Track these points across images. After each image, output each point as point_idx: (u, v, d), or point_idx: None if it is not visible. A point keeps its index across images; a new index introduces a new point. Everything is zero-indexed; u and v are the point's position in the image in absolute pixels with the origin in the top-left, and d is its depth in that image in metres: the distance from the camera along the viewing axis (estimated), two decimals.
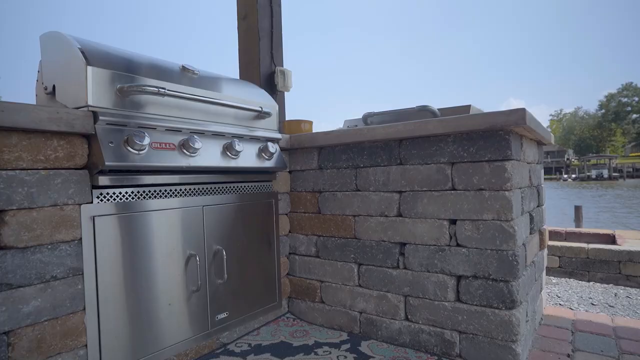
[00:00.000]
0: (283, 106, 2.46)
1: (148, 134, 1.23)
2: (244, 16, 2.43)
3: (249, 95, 1.71)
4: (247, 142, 1.61)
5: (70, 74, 1.21)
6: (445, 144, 1.44)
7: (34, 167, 1.05)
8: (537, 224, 1.77)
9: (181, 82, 1.41)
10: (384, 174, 1.60)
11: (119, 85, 1.20)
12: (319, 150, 1.80)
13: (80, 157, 1.14)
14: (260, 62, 2.35)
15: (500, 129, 1.31)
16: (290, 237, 1.92)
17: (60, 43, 1.28)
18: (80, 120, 1.11)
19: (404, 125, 1.48)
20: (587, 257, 3.24)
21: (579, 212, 12.62)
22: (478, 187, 1.37)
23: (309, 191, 1.85)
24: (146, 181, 1.27)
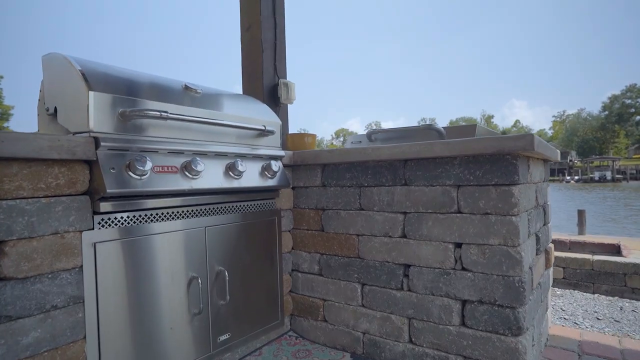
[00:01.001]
0: (286, 119, 2.44)
1: (150, 158, 1.22)
2: (247, 27, 2.41)
3: (252, 113, 1.69)
4: (249, 160, 1.60)
5: (71, 97, 1.20)
6: (451, 166, 1.42)
7: (35, 196, 1.03)
8: (543, 244, 1.75)
9: (183, 102, 1.40)
10: (388, 194, 1.58)
11: (121, 110, 1.18)
12: (323, 167, 1.78)
13: (81, 184, 1.13)
14: (263, 74, 2.33)
15: (508, 153, 1.28)
16: (293, 254, 1.91)
17: (61, 65, 1.27)
18: (82, 147, 1.09)
19: (409, 146, 1.46)
20: (592, 269, 3.21)
21: (582, 217, 12.55)
22: (484, 211, 1.35)
23: (312, 208, 1.83)
24: (148, 205, 1.26)
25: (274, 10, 2.41)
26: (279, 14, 2.46)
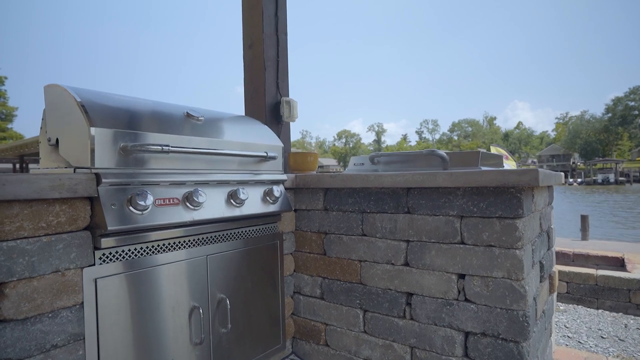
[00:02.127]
0: (288, 137, 2.44)
1: (151, 191, 1.21)
2: (249, 45, 2.41)
3: (254, 137, 1.69)
4: (251, 186, 1.59)
5: (73, 130, 1.20)
6: (454, 196, 1.41)
7: (36, 235, 1.03)
8: (547, 270, 1.73)
9: (184, 131, 1.39)
10: (390, 222, 1.57)
11: (122, 144, 1.18)
12: (325, 191, 1.77)
13: (82, 220, 1.12)
14: (265, 92, 2.33)
15: (512, 187, 1.27)
16: (295, 276, 1.90)
17: (62, 97, 1.26)
18: (83, 184, 1.09)
19: (412, 175, 1.45)
20: (596, 284, 3.19)
21: (585, 222, 12.47)
22: (488, 244, 1.34)
23: (314, 232, 1.82)
24: (149, 238, 1.25)
25: (276, 27, 2.41)
26: (282, 31, 2.45)
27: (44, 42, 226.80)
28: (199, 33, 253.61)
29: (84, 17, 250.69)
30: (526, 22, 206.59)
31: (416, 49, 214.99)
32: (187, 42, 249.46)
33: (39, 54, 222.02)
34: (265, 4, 2.35)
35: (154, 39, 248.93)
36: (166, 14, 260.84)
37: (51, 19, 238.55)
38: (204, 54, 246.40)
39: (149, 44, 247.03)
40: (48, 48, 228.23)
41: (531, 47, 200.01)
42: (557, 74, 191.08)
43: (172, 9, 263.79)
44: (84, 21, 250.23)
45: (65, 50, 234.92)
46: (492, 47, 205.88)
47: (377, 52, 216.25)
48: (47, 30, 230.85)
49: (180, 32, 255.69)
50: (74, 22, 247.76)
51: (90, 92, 1.31)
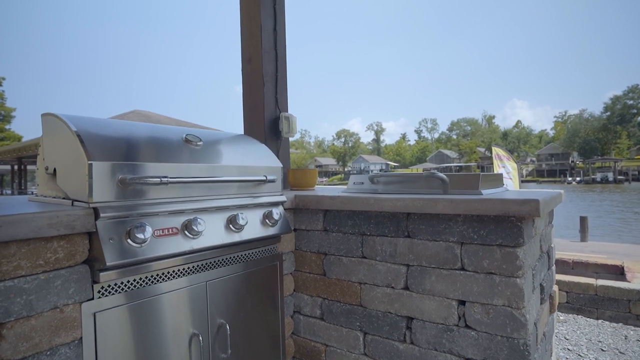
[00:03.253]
0: (287, 152, 2.43)
1: (150, 222, 1.21)
2: (248, 59, 2.40)
3: (254, 159, 1.68)
4: (251, 209, 1.58)
5: (70, 162, 1.19)
6: (454, 222, 1.40)
7: (33, 273, 1.02)
8: (547, 291, 1.73)
9: (183, 158, 1.38)
10: (391, 245, 1.56)
11: (121, 176, 1.17)
12: (324, 212, 1.76)
13: (80, 254, 1.11)
14: (264, 107, 2.32)
15: (513, 216, 1.27)
16: (294, 296, 1.89)
17: (58, 127, 1.26)
18: (81, 220, 1.08)
19: (412, 200, 1.45)
20: (596, 294, 3.19)
21: (584, 223, 12.48)
22: (488, 271, 1.33)
23: (314, 252, 1.81)
24: (148, 269, 1.24)
25: (275, 42, 2.40)
26: (280, 45, 2.44)
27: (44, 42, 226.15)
28: (199, 33, 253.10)
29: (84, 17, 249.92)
30: (524, 21, 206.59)
31: (415, 48, 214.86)
32: (187, 42, 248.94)
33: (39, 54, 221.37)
34: (264, 19, 2.34)
35: (154, 39, 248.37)
36: (166, 14, 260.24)
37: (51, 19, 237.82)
38: (204, 54, 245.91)
39: (149, 44, 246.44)
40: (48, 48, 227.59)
41: (529, 45, 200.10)
42: (556, 72, 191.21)
43: (172, 9, 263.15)
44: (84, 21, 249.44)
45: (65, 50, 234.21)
46: (490, 46, 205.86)
47: (377, 51, 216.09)
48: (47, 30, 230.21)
49: (180, 32, 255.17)
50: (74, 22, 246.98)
51: (86, 120, 1.30)
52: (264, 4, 2.35)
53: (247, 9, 2.39)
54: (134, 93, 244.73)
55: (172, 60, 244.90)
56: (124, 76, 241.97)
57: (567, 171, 67.28)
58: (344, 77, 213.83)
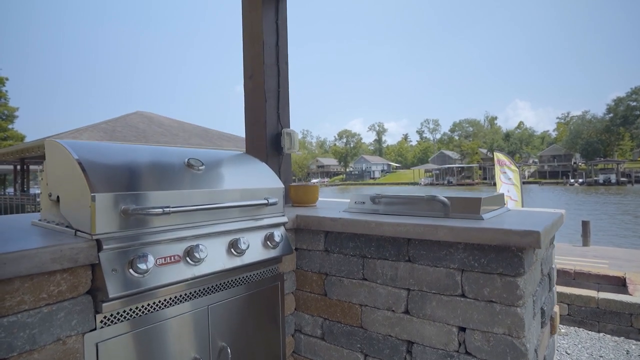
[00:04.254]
0: (289, 168, 2.43)
1: (152, 251, 1.22)
2: (250, 75, 2.41)
3: (255, 180, 1.68)
4: (252, 232, 1.59)
5: (73, 192, 1.20)
6: (455, 249, 1.41)
7: (37, 307, 1.03)
8: (548, 314, 1.73)
9: (185, 184, 1.39)
10: (391, 269, 1.56)
11: (124, 207, 1.18)
12: (326, 233, 1.77)
13: (84, 286, 1.12)
14: (266, 123, 2.33)
15: (513, 246, 1.27)
16: (295, 315, 1.90)
17: (61, 154, 1.27)
18: (84, 253, 1.09)
19: (413, 226, 1.45)
20: (597, 307, 3.19)
21: (586, 228, 12.45)
22: (489, 299, 1.34)
23: (315, 272, 1.82)
24: (150, 298, 1.25)
25: (277, 58, 2.41)
26: (282, 61, 2.45)
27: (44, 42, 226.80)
28: (199, 33, 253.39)
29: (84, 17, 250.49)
30: (526, 22, 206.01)
31: (417, 48, 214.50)
32: (187, 42, 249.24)
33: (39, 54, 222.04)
34: (266, 35, 2.35)
35: (154, 39, 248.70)
36: (166, 14, 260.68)
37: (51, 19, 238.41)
38: (204, 54, 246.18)
39: (149, 44, 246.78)
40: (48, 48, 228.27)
41: (531, 46, 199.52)
42: (558, 73, 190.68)
43: (172, 9, 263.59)
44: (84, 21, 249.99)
45: (65, 50, 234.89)
46: (492, 46, 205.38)
47: (378, 51, 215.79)
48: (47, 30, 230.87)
49: (180, 32, 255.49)
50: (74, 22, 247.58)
51: (87, 147, 1.32)
52: (266, 20, 2.36)
53: (249, 25, 2.40)
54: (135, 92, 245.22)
55: (173, 60, 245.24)
56: (124, 76, 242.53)
57: (570, 173, 67.05)
58: (346, 77, 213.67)
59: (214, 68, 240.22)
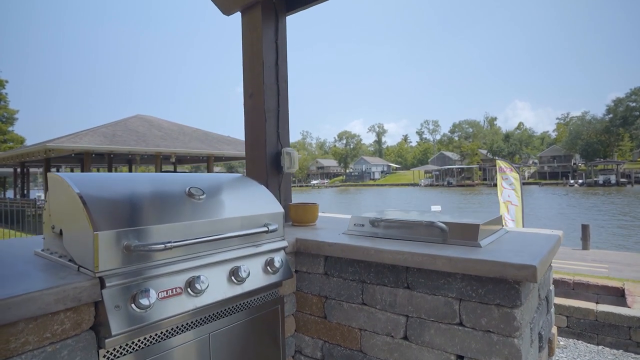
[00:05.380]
0: (289, 187, 2.45)
1: (154, 285, 1.23)
2: (250, 94, 2.43)
3: (256, 206, 1.70)
4: (252, 258, 1.60)
5: (76, 228, 1.22)
6: (453, 279, 1.42)
7: (40, 346, 1.04)
8: (545, 337, 1.74)
9: (186, 215, 1.41)
10: (390, 295, 1.58)
11: (126, 243, 1.19)
12: (325, 258, 1.79)
13: (87, 322, 1.14)
14: (266, 142, 2.34)
15: (510, 278, 1.29)
16: (295, 336, 1.91)
17: (62, 188, 1.29)
18: (88, 291, 1.10)
19: (411, 255, 1.47)
20: (596, 320, 3.20)
21: (586, 232, 12.47)
22: (486, 329, 1.35)
23: (315, 295, 1.83)
24: (152, 330, 1.27)
25: (277, 77, 2.43)
26: (282, 79, 2.47)
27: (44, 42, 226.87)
28: (199, 33, 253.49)
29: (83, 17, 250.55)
30: (526, 22, 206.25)
31: (416, 49, 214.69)
32: (187, 42, 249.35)
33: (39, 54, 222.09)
34: (266, 55, 2.37)
35: (154, 39, 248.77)
36: (166, 14, 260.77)
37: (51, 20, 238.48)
38: (204, 54, 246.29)
39: (149, 44, 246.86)
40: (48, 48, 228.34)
41: (531, 46, 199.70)
42: (557, 73, 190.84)
43: (172, 9, 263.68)
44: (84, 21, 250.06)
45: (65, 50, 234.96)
46: (492, 47, 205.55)
47: (377, 52, 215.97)
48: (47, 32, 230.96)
49: (180, 32, 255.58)
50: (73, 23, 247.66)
51: (88, 179, 1.34)
52: (266, 39, 2.38)
53: (249, 44, 2.42)
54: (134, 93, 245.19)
55: (173, 60, 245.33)
56: (124, 76, 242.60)
57: (569, 173, 67.08)
58: (345, 78, 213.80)
59: (214, 68, 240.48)
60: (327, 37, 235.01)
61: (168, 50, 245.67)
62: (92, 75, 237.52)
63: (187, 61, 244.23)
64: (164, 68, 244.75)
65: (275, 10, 2.45)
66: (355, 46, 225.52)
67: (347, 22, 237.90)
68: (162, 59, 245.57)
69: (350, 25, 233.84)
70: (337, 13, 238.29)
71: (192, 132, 19.27)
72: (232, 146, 18.74)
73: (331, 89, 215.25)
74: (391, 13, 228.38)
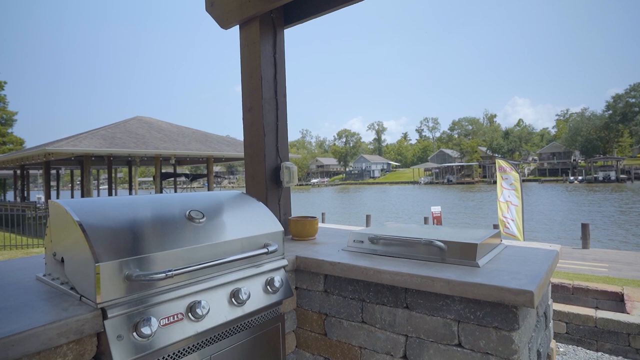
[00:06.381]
0: (289, 201, 2.46)
1: (156, 313, 1.24)
2: (249, 108, 2.44)
3: (256, 227, 1.71)
4: (252, 279, 1.62)
5: (77, 257, 1.23)
6: (451, 301, 1.44)
7: None
8: (544, 354, 1.76)
9: (187, 240, 1.42)
10: (390, 315, 1.59)
11: (127, 273, 1.21)
12: (325, 276, 1.80)
13: (89, 353, 1.15)
14: (265, 157, 2.35)
15: (507, 302, 1.30)
16: (296, 352, 1.93)
17: (62, 215, 1.31)
18: (90, 323, 1.12)
19: (410, 276, 1.48)
20: (595, 326, 3.22)
21: (586, 231, 12.46)
22: (485, 351, 1.37)
23: (315, 311, 1.85)
24: (154, 357, 1.28)
25: (275, 91, 2.44)
26: (280, 93, 2.48)
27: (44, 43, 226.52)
28: (199, 33, 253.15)
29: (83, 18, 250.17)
30: (524, 19, 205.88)
31: (415, 46, 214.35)
32: (187, 42, 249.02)
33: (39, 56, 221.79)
34: (264, 70, 2.38)
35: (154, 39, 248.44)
36: (166, 14, 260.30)
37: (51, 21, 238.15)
38: (204, 54, 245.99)
39: (149, 44, 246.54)
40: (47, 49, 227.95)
41: (530, 43, 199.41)
42: (557, 70, 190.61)
43: (172, 9, 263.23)
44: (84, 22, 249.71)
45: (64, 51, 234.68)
46: (491, 43, 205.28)
47: (376, 49, 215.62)
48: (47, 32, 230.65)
49: (180, 32, 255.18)
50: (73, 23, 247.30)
51: (88, 206, 1.35)
52: (264, 54, 2.39)
53: (247, 59, 2.43)
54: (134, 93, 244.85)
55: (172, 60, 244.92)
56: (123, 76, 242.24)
57: (569, 170, 67.12)
58: (345, 75, 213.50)
59: (214, 68, 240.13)
60: (326, 34, 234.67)
61: (168, 50, 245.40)
62: (92, 76, 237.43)
63: (187, 61, 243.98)
64: (164, 67, 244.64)
65: (273, 24, 2.45)
66: (353, 43, 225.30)
67: (346, 19, 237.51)
68: (161, 58, 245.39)
69: (349, 22, 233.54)
70: (337, 11, 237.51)
71: (192, 134, 19.27)
72: (231, 147, 18.75)
73: (330, 86, 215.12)
74: (390, 10, 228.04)
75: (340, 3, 2.30)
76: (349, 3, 2.28)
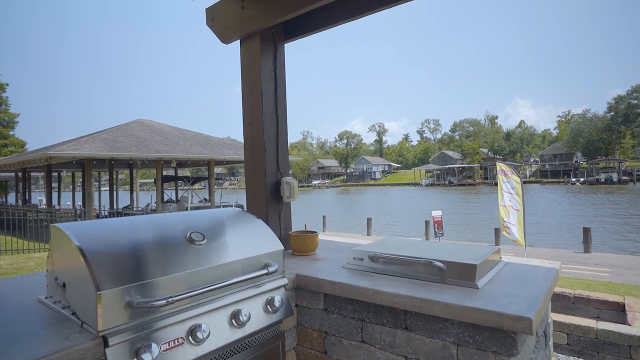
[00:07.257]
0: (289, 216, 2.47)
1: (157, 339, 1.25)
2: (249, 122, 2.45)
3: (256, 246, 1.72)
4: (253, 299, 1.62)
5: (79, 284, 1.24)
6: (450, 324, 1.44)
7: None
8: None
9: (187, 263, 1.42)
10: (389, 335, 1.60)
11: (128, 300, 1.22)
12: (325, 295, 1.80)
13: None
14: (266, 172, 2.36)
15: (506, 328, 1.30)
16: None
17: (63, 241, 1.32)
18: (91, 352, 1.13)
19: (410, 299, 1.49)
20: (597, 338, 3.21)
21: (587, 235, 12.43)
22: None
23: (315, 329, 1.85)
24: None
25: (275, 106, 2.45)
26: (281, 106, 2.49)
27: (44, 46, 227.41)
28: (199, 33, 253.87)
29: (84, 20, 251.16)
30: (525, 19, 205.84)
31: (416, 47, 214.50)
32: (187, 42, 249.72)
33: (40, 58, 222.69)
34: (265, 85, 2.39)
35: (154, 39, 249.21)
36: (166, 14, 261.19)
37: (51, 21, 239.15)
38: (204, 54, 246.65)
39: (149, 44, 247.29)
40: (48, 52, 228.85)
41: (531, 44, 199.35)
42: (558, 71, 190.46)
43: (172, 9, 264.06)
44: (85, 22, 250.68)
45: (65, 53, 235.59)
46: (492, 44, 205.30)
47: (377, 51, 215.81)
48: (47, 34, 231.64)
49: (180, 32, 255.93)
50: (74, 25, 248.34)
51: (88, 230, 1.37)
52: (264, 69, 2.40)
53: (247, 74, 2.44)
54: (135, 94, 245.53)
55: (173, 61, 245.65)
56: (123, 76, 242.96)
57: (571, 172, 66.97)
58: (346, 77, 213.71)
59: (214, 68, 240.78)
60: (327, 36, 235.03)
61: (168, 50, 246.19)
62: (92, 77, 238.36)
63: (187, 61, 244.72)
64: (164, 68, 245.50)
65: (273, 40, 2.47)
66: (354, 45, 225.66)
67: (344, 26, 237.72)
68: (162, 59, 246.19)
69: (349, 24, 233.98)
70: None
71: (193, 137, 19.30)
72: (232, 150, 18.77)
73: (331, 88, 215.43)
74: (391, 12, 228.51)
75: (339, 20, 2.32)
76: (348, 20, 2.29)
